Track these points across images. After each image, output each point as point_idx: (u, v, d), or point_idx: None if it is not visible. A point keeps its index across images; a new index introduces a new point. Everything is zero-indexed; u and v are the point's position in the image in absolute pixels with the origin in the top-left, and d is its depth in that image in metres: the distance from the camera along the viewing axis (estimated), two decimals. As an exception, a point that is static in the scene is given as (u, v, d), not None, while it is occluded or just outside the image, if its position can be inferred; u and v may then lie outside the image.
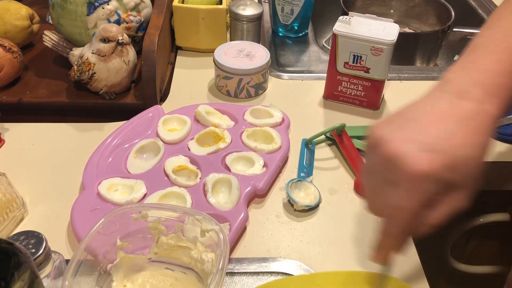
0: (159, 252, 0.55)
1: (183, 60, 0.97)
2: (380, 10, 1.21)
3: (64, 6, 0.85)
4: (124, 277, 0.54)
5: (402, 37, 0.81)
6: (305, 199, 0.66)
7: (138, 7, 0.90)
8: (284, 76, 0.93)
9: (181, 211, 0.53)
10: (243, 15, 0.93)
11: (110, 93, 0.83)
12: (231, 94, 0.86)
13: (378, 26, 0.78)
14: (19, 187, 0.64)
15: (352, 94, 0.83)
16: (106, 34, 0.78)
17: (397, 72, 0.93)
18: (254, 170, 0.68)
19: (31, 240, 0.47)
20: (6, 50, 0.83)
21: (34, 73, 0.90)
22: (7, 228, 0.60)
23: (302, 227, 0.63)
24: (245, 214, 0.61)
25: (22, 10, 0.92)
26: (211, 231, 0.51)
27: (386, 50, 0.76)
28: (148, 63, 0.80)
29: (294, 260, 0.58)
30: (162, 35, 0.87)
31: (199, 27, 0.94)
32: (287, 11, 1.04)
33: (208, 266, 0.51)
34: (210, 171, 0.67)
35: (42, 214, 0.64)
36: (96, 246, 0.51)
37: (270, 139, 0.74)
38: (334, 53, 0.80)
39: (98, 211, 0.61)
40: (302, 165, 0.71)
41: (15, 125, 0.78)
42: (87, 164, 0.68)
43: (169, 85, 0.90)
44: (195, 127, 0.76)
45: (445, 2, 1.11)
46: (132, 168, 0.68)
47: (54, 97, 0.84)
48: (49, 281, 0.48)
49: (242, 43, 0.90)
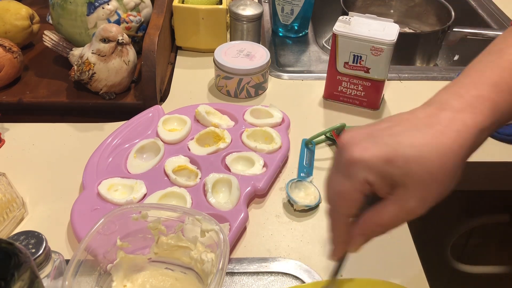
0: (159, 252, 0.55)
1: (183, 60, 0.97)
2: (380, 10, 1.21)
3: (64, 6, 0.85)
4: (124, 277, 0.54)
5: (402, 37, 0.81)
6: (305, 199, 0.66)
7: (138, 7, 0.90)
8: (284, 76, 0.93)
9: (181, 211, 0.53)
10: (243, 15, 0.93)
11: (110, 93, 0.83)
12: (231, 94, 0.86)
13: (378, 26, 0.78)
14: (19, 187, 0.64)
15: (352, 94, 0.83)
16: (106, 34, 0.78)
17: (397, 72, 0.93)
18: (254, 170, 0.68)
19: (31, 240, 0.47)
20: (6, 50, 0.83)
21: (34, 73, 0.90)
22: (7, 228, 0.60)
23: (302, 227, 0.63)
24: (245, 214, 0.61)
25: (22, 10, 0.92)
26: (211, 231, 0.51)
27: (386, 50, 0.76)
28: (148, 63, 0.80)
29: (294, 260, 0.58)
30: (162, 35, 0.87)
31: (199, 27, 0.94)
32: (287, 11, 1.04)
33: (208, 266, 0.51)
34: (210, 171, 0.67)
35: (42, 214, 0.64)
36: (96, 246, 0.51)
37: (270, 139, 0.74)
38: (334, 53, 0.80)
39: (98, 211, 0.61)
40: (302, 165, 0.71)
41: (15, 125, 0.78)
42: (87, 164, 0.68)
43: (169, 85, 0.90)
44: (195, 127, 0.76)
45: (445, 2, 1.11)
46: (132, 168, 0.68)
47: (54, 97, 0.84)
48: (49, 281, 0.48)
49: (242, 43, 0.90)
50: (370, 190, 0.41)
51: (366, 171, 0.39)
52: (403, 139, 0.39)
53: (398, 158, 0.39)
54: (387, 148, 0.39)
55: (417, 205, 0.40)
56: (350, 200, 0.42)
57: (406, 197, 0.39)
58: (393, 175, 0.39)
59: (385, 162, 0.39)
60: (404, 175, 0.39)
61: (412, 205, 0.40)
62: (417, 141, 0.39)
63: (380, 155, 0.39)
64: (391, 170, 0.39)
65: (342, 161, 0.41)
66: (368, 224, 0.42)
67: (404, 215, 0.41)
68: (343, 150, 0.41)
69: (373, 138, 0.40)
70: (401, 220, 0.41)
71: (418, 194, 0.39)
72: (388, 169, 0.39)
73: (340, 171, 0.41)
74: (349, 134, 0.42)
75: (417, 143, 0.39)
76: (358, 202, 0.42)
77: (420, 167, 0.38)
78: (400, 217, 0.41)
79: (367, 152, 0.39)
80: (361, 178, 0.40)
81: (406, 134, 0.40)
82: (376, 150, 0.39)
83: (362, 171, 0.40)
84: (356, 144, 0.40)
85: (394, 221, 0.41)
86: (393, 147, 0.39)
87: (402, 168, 0.39)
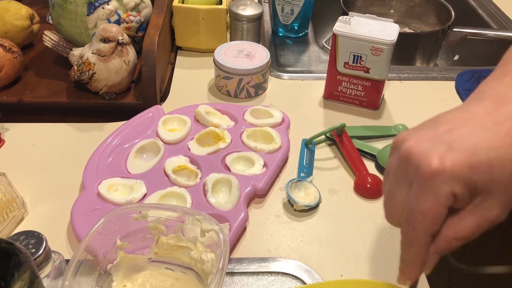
0: (159, 252, 0.55)
1: (183, 60, 0.97)
2: (380, 10, 1.21)
3: (64, 6, 0.85)
4: (124, 277, 0.54)
5: (402, 37, 0.81)
6: (305, 199, 0.66)
7: (138, 7, 0.90)
8: (284, 76, 0.93)
9: (181, 211, 0.53)
10: (243, 15, 0.93)
11: (110, 93, 0.83)
12: (231, 94, 0.86)
13: (378, 26, 0.78)
14: (19, 187, 0.64)
15: (352, 94, 0.83)
16: (106, 34, 0.78)
17: (397, 72, 0.93)
18: (254, 170, 0.68)
19: (31, 240, 0.47)
20: (6, 50, 0.83)
21: (34, 73, 0.90)
22: (7, 228, 0.60)
23: (302, 227, 0.63)
24: (245, 214, 0.61)
25: (22, 10, 0.92)
26: (211, 231, 0.51)
27: (386, 50, 0.76)
28: (148, 63, 0.80)
29: (294, 260, 0.58)
30: (162, 35, 0.87)
31: (199, 27, 0.94)
32: (287, 11, 1.04)
33: (208, 266, 0.51)
34: (210, 171, 0.67)
35: (42, 214, 0.64)
36: (96, 246, 0.51)
37: (270, 139, 0.74)
38: (334, 53, 0.80)
39: (98, 211, 0.61)
40: (302, 165, 0.71)
41: (15, 125, 0.78)
42: (87, 164, 0.68)
43: (169, 85, 0.90)
44: (195, 127, 0.76)
45: (445, 2, 1.11)
46: (132, 168, 0.68)
47: (54, 97, 0.84)
48: (49, 281, 0.48)
49: (242, 43, 0.90)
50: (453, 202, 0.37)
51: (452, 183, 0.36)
52: (478, 142, 0.36)
53: (482, 163, 0.35)
54: (466, 154, 0.35)
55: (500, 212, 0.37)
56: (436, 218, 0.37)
57: (489, 205, 0.36)
58: (477, 182, 0.36)
59: (470, 170, 0.35)
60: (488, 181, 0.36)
61: (495, 213, 0.37)
62: (493, 142, 0.36)
63: (463, 162, 0.35)
64: (476, 178, 0.36)
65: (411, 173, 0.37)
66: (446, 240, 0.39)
67: (486, 224, 0.37)
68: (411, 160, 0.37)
69: (443, 143, 0.36)
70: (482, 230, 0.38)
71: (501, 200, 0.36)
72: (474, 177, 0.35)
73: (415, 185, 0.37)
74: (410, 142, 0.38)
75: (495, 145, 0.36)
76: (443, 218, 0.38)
77: (503, 170, 0.35)
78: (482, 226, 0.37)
79: (447, 160, 0.35)
80: (447, 191, 0.36)
81: (479, 136, 0.36)
82: (456, 157, 0.35)
83: (447, 183, 0.36)
84: (428, 153, 0.36)
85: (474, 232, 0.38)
86: (472, 152, 0.35)
87: (486, 174, 0.35)
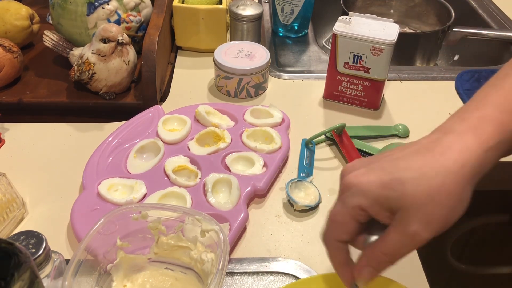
0: (159, 252, 0.55)
1: (183, 60, 0.97)
2: (380, 10, 1.21)
3: (64, 6, 0.85)
4: (124, 277, 0.54)
5: (402, 37, 0.81)
6: (305, 199, 0.66)
7: (138, 7, 0.90)
8: (284, 76, 0.93)
9: (181, 211, 0.53)
10: (243, 15, 0.93)
11: (110, 93, 0.83)
12: (231, 94, 0.86)
13: (378, 26, 0.78)
14: (19, 187, 0.64)
15: (352, 94, 0.83)
16: (106, 34, 0.78)
17: (397, 72, 0.93)
18: (254, 170, 0.68)
19: (31, 240, 0.47)
20: (6, 50, 0.83)
21: (34, 73, 0.90)
22: (7, 228, 0.60)
23: (302, 227, 0.63)
24: (245, 214, 0.61)
25: (22, 10, 0.92)
26: (211, 231, 0.51)
27: (386, 50, 0.76)
28: (148, 63, 0.80)
29: (294, 260, 0.58)
30: (162, 35, 0.87)
31: (199, 27, 0.94)
32: (287, 11, 1.04)
33: (208, 266, 0.51)
34: (210, 171, 0.67)
35: (42, 214, 0.64)
36: (96, 246, 0.51)
37: (270, 139, 0.74)
38: (334, 53, 0.80)
39: (98, 211, 0.61)
40: (302, 165, 0.71)
41: (15, 125, 0.78)
42: (87, 164, 0.68)
43: (169, 85, 0.90)
44: (195, 127, 0.76)
45: (445, 2, 1.11)
46: (132, 168, 0.68)
47: (54, 97, 0.84)
48: (49, 281, 0.48)
49: (242, 43, 0.90)
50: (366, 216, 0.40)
51: (360, 196, 0.39)
52: (400, 163, 0.39)
53: (393, 181, 0.38)
54: (383, 172, 0.39)
55: (420, 228, 0.38)
56: (341, 224, 0.41)
57: (406, 220, 0.38)
58: (389, 199, 0.38)
59: (380, 187, 0.39)
60: (399, 197, 0.38)
61: (414, 228, 0.38)
62: (414, 164, 0.39)
63: (375, 180, 0.39)
64: (386, 194, 0.38)
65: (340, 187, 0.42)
66: (374, 254, 0.41)
67: (408, 240, 0.39)
68: (341, 176, 0.42)
69: (371, 164, 0.41)
70: (407, 247, 0.39)
71: (419, 217, 0.38)
72: (384, 193, 0.38)
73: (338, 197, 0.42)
74: (352, 163, 0.43)
75: (415, 166, 0.38)
76: (349, 227, 0.41)
77: (416, 188, 0.37)
78: (405, 243, 0.39)
79: (362, 177, 0.40)
80: (354, 203, 0.40)
81: (405, 159, 0.40)
82: (372, 175, 0.39)
83: (355, 196, 0.40)
84: (354, 170, 0.41)
85: (399, 248, 0.40)
86: (389, 171, 0.39)
87: (397, 191, 0.38)
